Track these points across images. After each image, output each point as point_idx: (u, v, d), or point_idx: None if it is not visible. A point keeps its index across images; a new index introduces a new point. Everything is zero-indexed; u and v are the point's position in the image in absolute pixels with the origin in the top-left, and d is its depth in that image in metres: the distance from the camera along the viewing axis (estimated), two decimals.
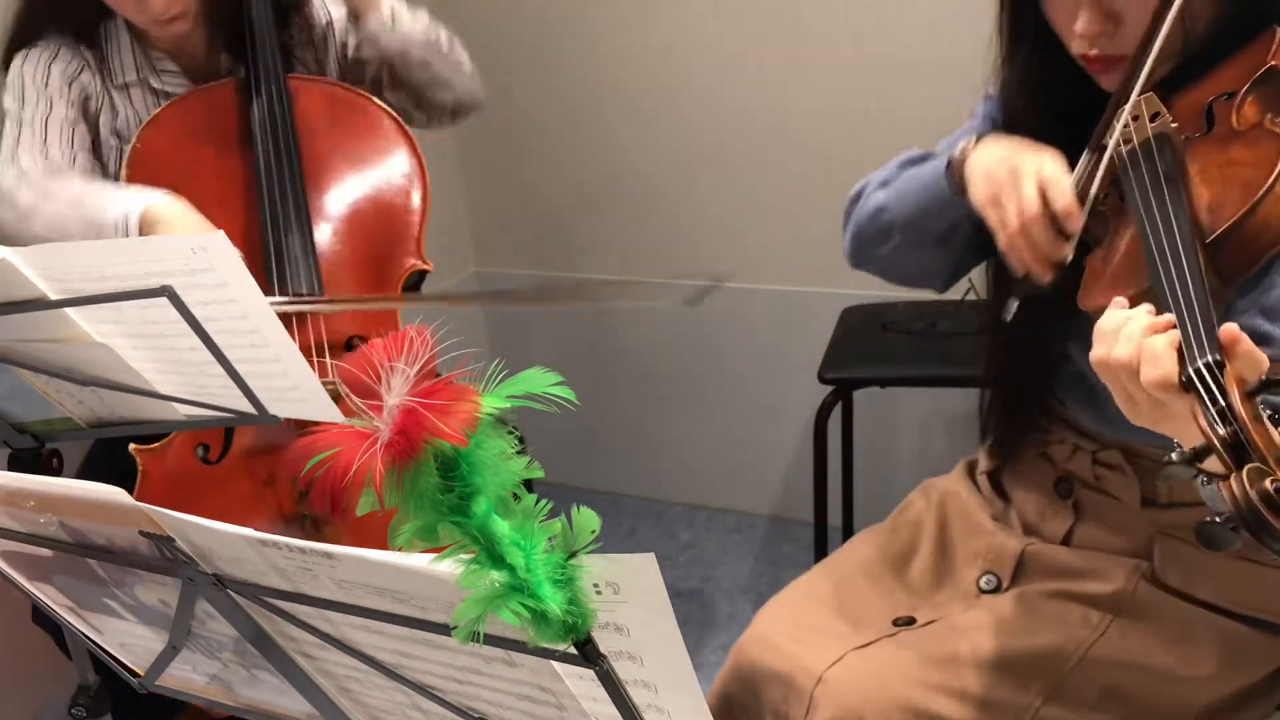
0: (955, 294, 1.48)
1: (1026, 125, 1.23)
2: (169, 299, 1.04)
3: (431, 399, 0.63)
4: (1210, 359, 0.86)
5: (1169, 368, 0.88)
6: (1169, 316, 0.92)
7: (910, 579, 1.39)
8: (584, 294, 1.58)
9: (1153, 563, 1.26)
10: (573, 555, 0.62)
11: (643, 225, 2.63)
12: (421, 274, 1.72)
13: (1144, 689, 1.22)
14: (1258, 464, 0.78)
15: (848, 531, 2.35)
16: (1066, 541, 1.32)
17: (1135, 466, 1.26)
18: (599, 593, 0.63)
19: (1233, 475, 0.77)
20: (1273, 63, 1.09)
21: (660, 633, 0.64)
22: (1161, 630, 1.23)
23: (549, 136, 2.67)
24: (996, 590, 1.31)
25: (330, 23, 1.81)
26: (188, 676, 1.02)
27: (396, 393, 0.63)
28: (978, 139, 1.21)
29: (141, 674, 1.04)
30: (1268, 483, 0.76)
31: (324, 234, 1.67)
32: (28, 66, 1.64)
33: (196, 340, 1.08)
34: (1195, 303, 0.92)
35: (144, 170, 1.63)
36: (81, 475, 1.63)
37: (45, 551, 0.92)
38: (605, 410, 2.80)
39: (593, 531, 0.62)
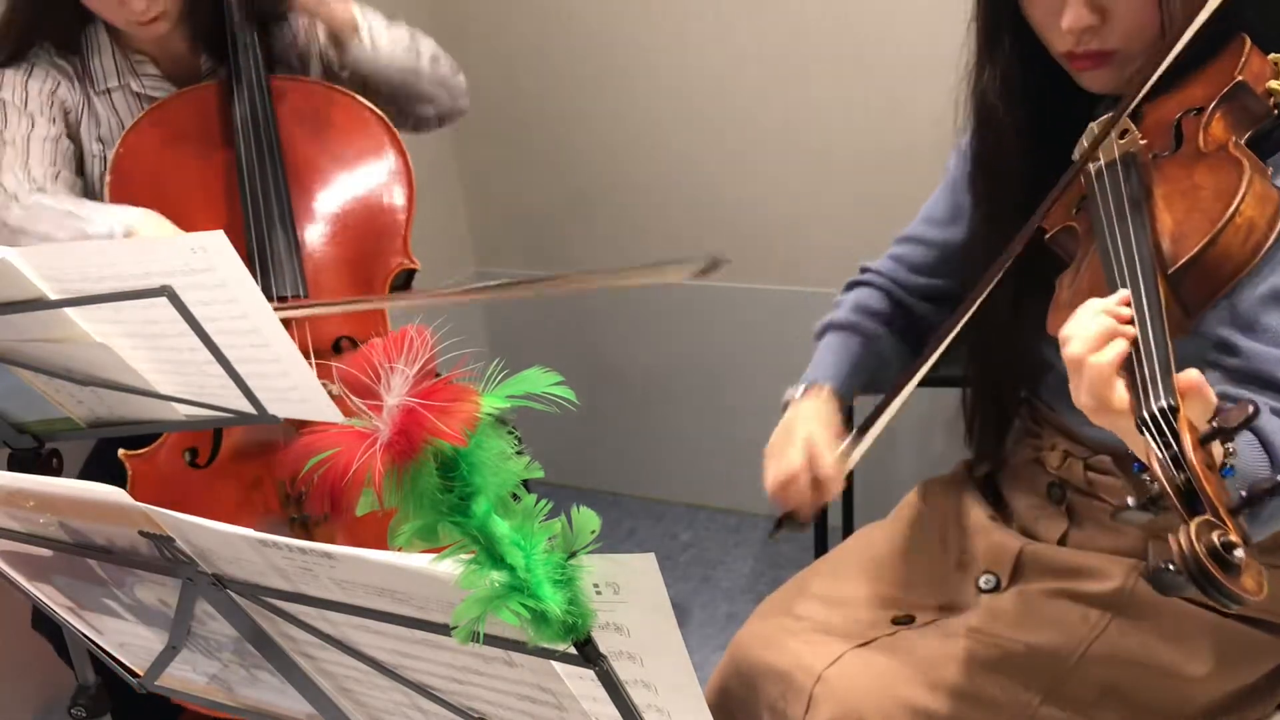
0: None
1: (1006, 127, 1.24)
2: (169, 299, 1.04)
3: (431, 399, 0.63)
4: (1165, 404, 0.88)
5: (1107, 394, 0.93)
6: (1126, 306, 0.96)
7: (909, 578, 1.39)
8: (586, 280, 1.53)
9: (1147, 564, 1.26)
10: (573, 555, 0.62)
11: (643, 225, 2.63)
12: (410, 272, 1.71)
13: (1143, 687, 1.22)
14: (1207, 517, 0.79)
15: (847, 531, 2.34)
16: (1061, 544, 1.32)
17: (1126, 471, 1.26)
18: (599, 593, 0.63)
19: (1181, 528, 0.78)
20: (1240, 77, 1.08)
21: (660, 633, 0.64)
22: (1160, 628, 1.23)
23: (549, 136, 2.67)
24: (995, 590, 1.31)
25: (313, 36, 1.80)
26: (188, 676, 1.02)
27: (396, 393, 0.63)
28: (804, 391, 1.37)
29: (141, 674, 1.04)
30: (1215, 536, 0.77)
31: (309, 234, 1.67)
32: (4, 89, 1.63)
33: (196, 340, 1.08)
34: (1154, 343, 0.93)
35: (127, 176, 1.62)
36: (81, 476, 1.63)
37: (45, 551, 0.92)
38: (605, 410, 2.80)
39: (593, 531, 0.62)
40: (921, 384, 2.34)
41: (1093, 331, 0.95)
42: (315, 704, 0.90)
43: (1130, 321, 0.96)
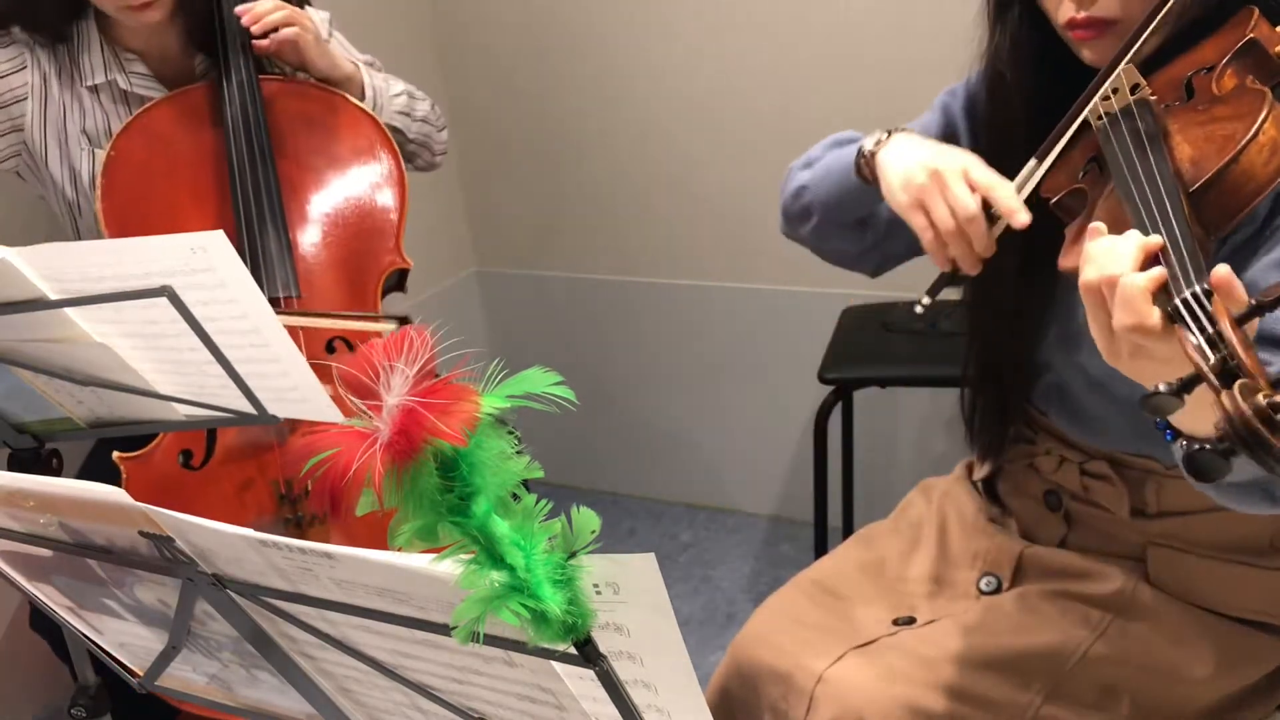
0: (955, 294, 1.49)
1: (1016, 94, 1.22)
2: (169, 299, 1.04)
3: (431, 399, 0.63)
4: (1198, 288, 0.85)
5: (1144, 310, 0.87)
6: (1159, 238, 0.91)
7: (910, 579, 1.38)
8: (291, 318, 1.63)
9: (1146, 569, 1.26)
10: (573, 555, 0.62)
11: (642, 225, 2.63)
12: (402, 272, 1.72)
13: (1144, 688, 1.22)
14: (1247, 380, 0.76)
15: (847, 531, 2.35)
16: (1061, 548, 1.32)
17: (1122, 477, 1.26)
18: (599, 593, 0.63)
19: (1223, 393, 0.75)
20: (1252, 34, 1.08)
21: (660, 633, 0.64)
22: (1161, 630, 1.23)
23: (549, 136, 2.67)
24: (997, 591, 1.31)
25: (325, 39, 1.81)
26: (187, 676, 1.02)
27: (396, 393, 0.63)
28: (889, 134, 1.21)
29: (141, 674, 1.04)
30: (1260, 397, 0.74)
31: (301, 234, 1.67)
32: None
33: (196, 340, 1.08)
34: (1180, 237, 0.91)
35: (119, 177, 1.62)
36: (81, 475, 1.63)
37: (45, 551, 0.92)
38: (605, 410, 2.80)
39: (593, 531, 0.62)
40: (929, 383, 2.32)
41: (1127, 252, 0.90)
42: (315, 704, 0.90)
43: (1155, 261, 0.91)
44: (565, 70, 2.58)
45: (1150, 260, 0.90)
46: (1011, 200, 1.09)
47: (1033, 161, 1.12)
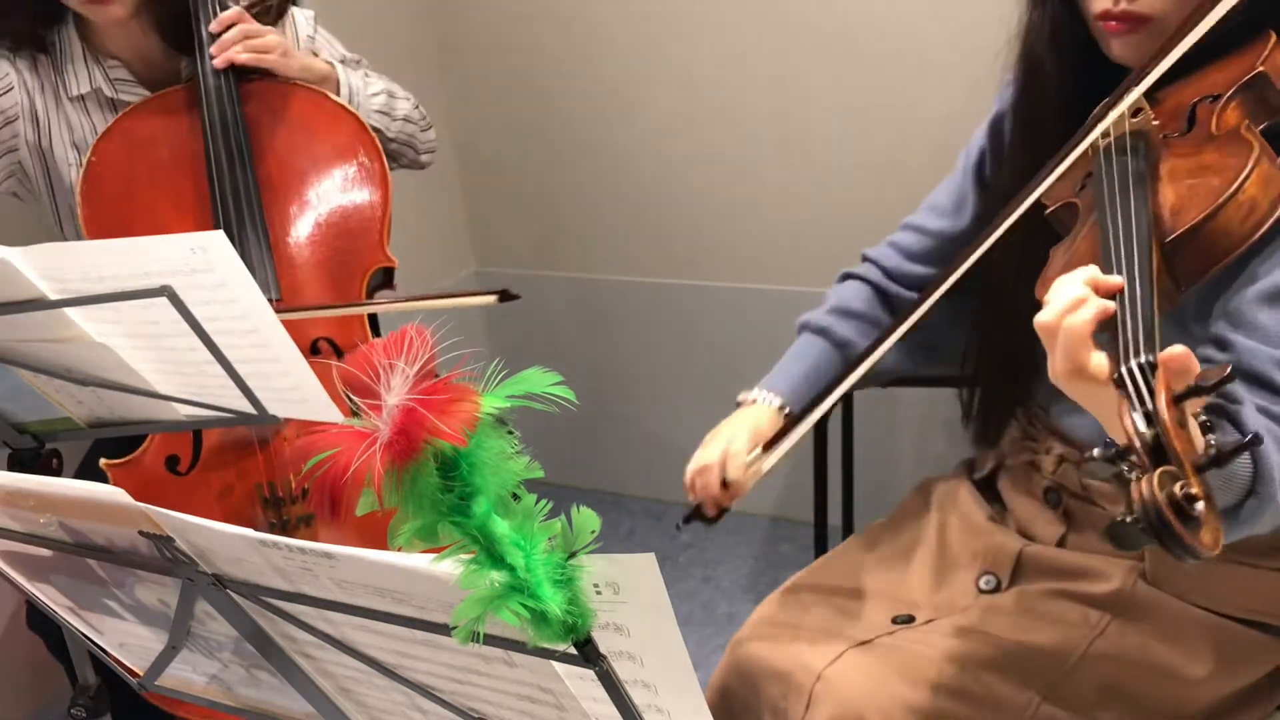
0: None
1: (1051, 78, 1.23)
2: (169, 299, 1.04)
3: (431, 399, 0.63)
4: (1144, 360, 0.87)
5: (1083, 356, 0.91)
6: (1117, 279, 0.94)
7: (910, 578, 1.39)
8: (388, 305, 1.61)
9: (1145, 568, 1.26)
10: (573, 555, 0.62)
11: (642, 225, 2.63)
12: (388, 270, 1.70)
13: (1143, 688, 1.22)
14: (1171, 468, 0.78)
15: (847, 531, 2.34)
16: (1059, 547, 1.32)
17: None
18: (599, 593, 0.63)
19: (1144, 477, 0.77)
20: (1261, 68, 1.08)
21: (660, 633, 0.64)
22: (1160, 629, 1.23)
23: (549, 136, 2.67)
24: (995, 590, 1.31)
25: (310, 37, 1.80)
26: (187, 676, 1.02)
27: (396, 393, 0.63)
28: (754, 399, 1.44)
29: (141, 674, 1.04)
30: (1177, 487, 0.76)
31: (283, 234, 1.65)
32: None
33: (196, 340, 1.08)
34: (1140, 302, 0.92)
35: (99, 183, 1.62)
36: (81, 476, 1.63)
37: (45, 551, 0.92)
38: (605, 410, 2.80)
39: (593, 531, 0.62)
40: (929, 383, 2.33)
41: (1069, 296, 0.94)
42: (315, 704, 0.90)
43: (1112, 295, 0.94)
44: (565, 70, 2.58)
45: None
46: (732, 473, 1.36)
47: (761, 448, 1.37)
